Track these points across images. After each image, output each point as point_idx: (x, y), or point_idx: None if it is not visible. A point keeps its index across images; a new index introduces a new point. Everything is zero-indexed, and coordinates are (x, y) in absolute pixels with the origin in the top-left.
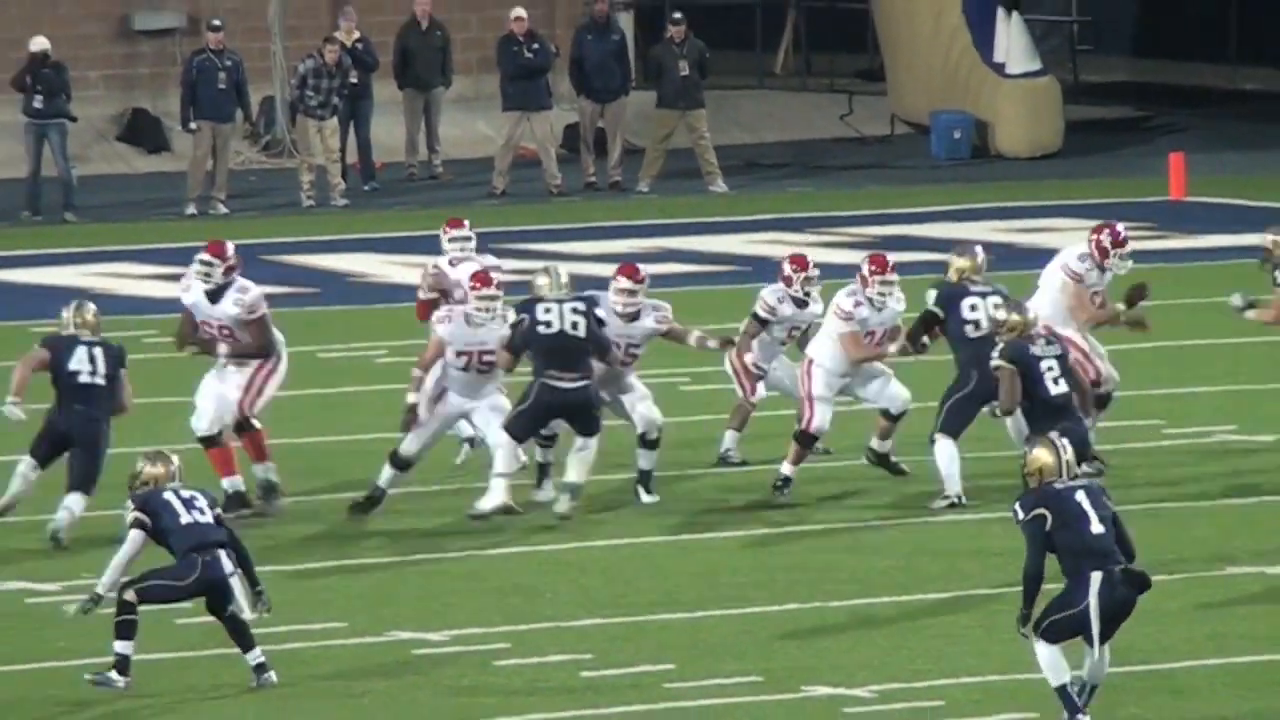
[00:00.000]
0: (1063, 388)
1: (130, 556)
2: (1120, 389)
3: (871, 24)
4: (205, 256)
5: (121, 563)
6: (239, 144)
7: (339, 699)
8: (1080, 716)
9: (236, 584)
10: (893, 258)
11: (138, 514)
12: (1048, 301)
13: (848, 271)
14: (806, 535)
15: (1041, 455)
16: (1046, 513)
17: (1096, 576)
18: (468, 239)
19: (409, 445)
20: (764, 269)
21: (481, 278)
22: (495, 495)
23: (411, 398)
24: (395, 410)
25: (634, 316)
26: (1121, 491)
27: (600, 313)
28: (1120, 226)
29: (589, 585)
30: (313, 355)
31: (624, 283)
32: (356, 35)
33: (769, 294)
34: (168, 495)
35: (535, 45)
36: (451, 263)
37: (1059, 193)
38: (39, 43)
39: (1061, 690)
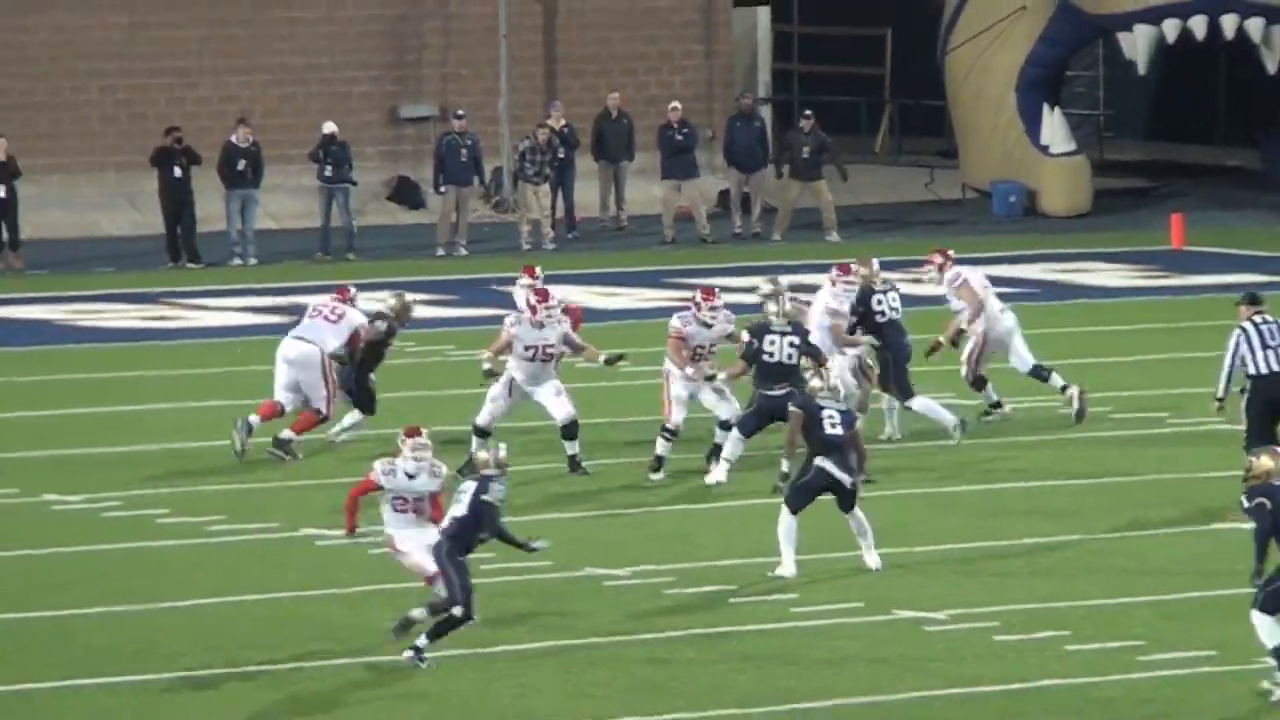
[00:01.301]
0: (839, 430)
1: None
2: (1135, 389)
3: (948, 115)
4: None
5: None
6: (476, 203)
7: (547, 624)
8: None
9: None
10: None
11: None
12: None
13: (926, 301)
14: (884, 499)
15: (1266, 462)
16: (1266, 501)
17: None
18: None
19: (483, 417)
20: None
21: (541, 294)
22: (720, 471)
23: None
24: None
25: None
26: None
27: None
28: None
29: (730, 534)
30: None
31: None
32: (563, 122)
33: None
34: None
35: (685, 129)
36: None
37: (1090, 243)
38: (329, 126)
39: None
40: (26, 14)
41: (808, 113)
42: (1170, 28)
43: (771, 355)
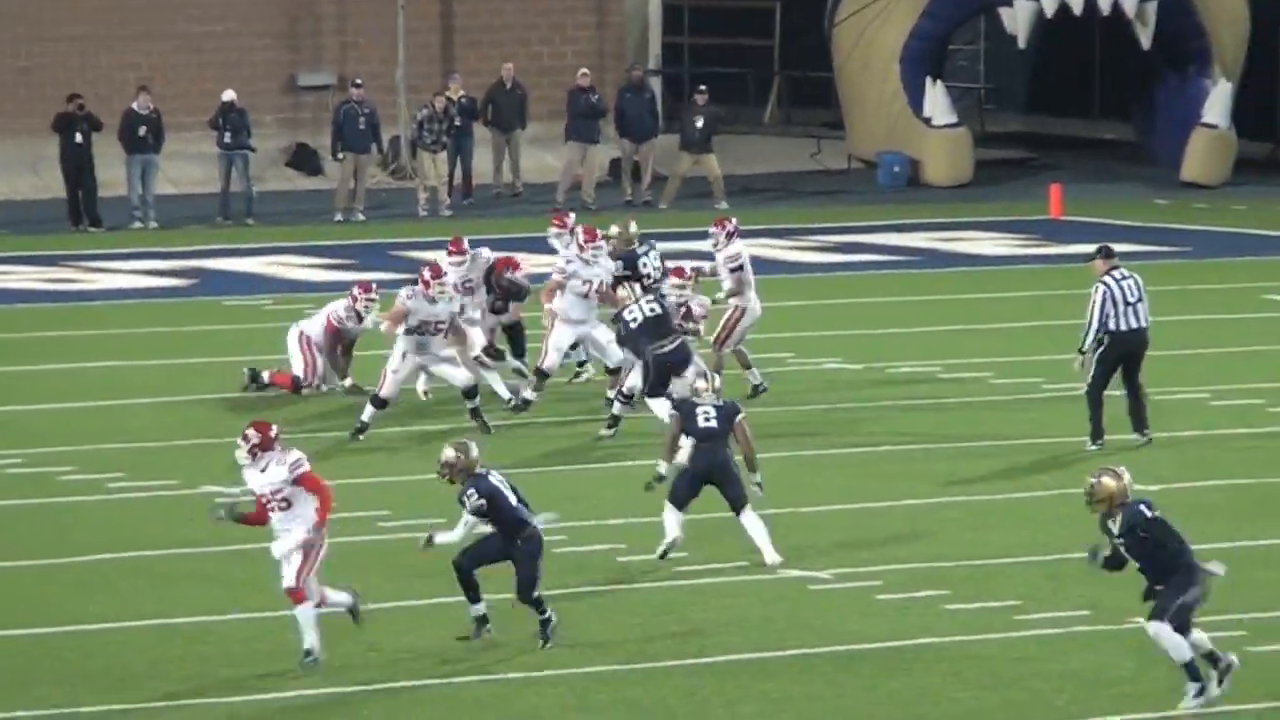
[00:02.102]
0: (713, 424)
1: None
2: (1012, 355)
3: (835, 87)
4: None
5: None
6: (373, 170)
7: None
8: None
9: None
10: (846, 258)
11: (482, 501)
12: None
13: (813, 268)
14: (767, 460)
15: (1109, 484)
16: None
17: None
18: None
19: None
20: (753, 265)
21: (434, 269)
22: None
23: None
24: None
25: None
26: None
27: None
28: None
29: (624, 493)
30: None
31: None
32: (461, 92)
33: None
34: (495, 480)
35: (596, 95)
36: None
37: (971, 212)
38: (228, 94)
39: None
40: None
41: (702, 88)
42: (1049, 3)
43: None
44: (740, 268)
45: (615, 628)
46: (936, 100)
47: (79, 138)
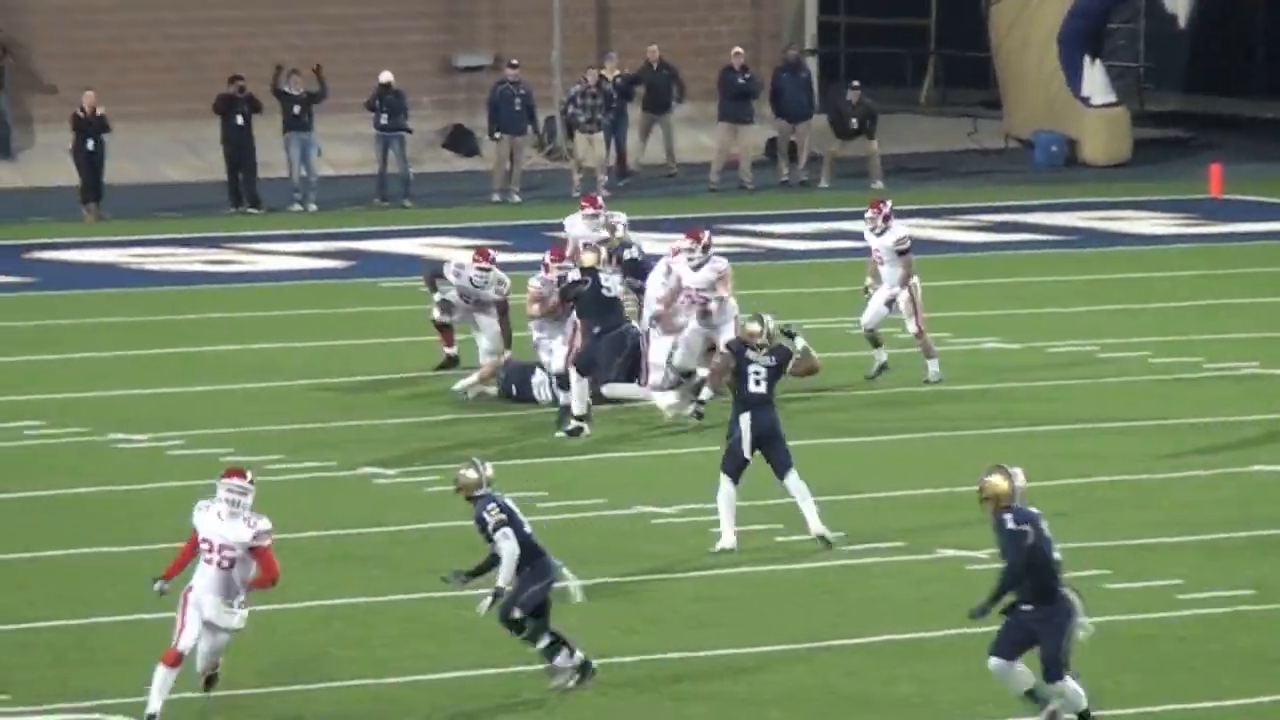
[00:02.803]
0: (763, 388)
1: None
2: (1173, 334)
3: (992, 66)
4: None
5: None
6: (529, 151)
7: (600, 560)
8: None
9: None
10: (1002, 237)
11: (503, 515)
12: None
13: (970, 248)
14: (919, 440)
15: (998, 482)
16: (1030, 531)
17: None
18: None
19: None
20: (916, 246)
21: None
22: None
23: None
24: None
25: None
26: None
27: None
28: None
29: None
30: None
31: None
32: (617, 72)
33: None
34: (511, 503)
35: (748, 74)
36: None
37: (1129, 191)
38: (385, 76)
39: None
40: None
41: (855, 84)
42: None
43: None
44: (908, 250)
45: (775, 609)
46: (1095, 79)
47: (240, 120)
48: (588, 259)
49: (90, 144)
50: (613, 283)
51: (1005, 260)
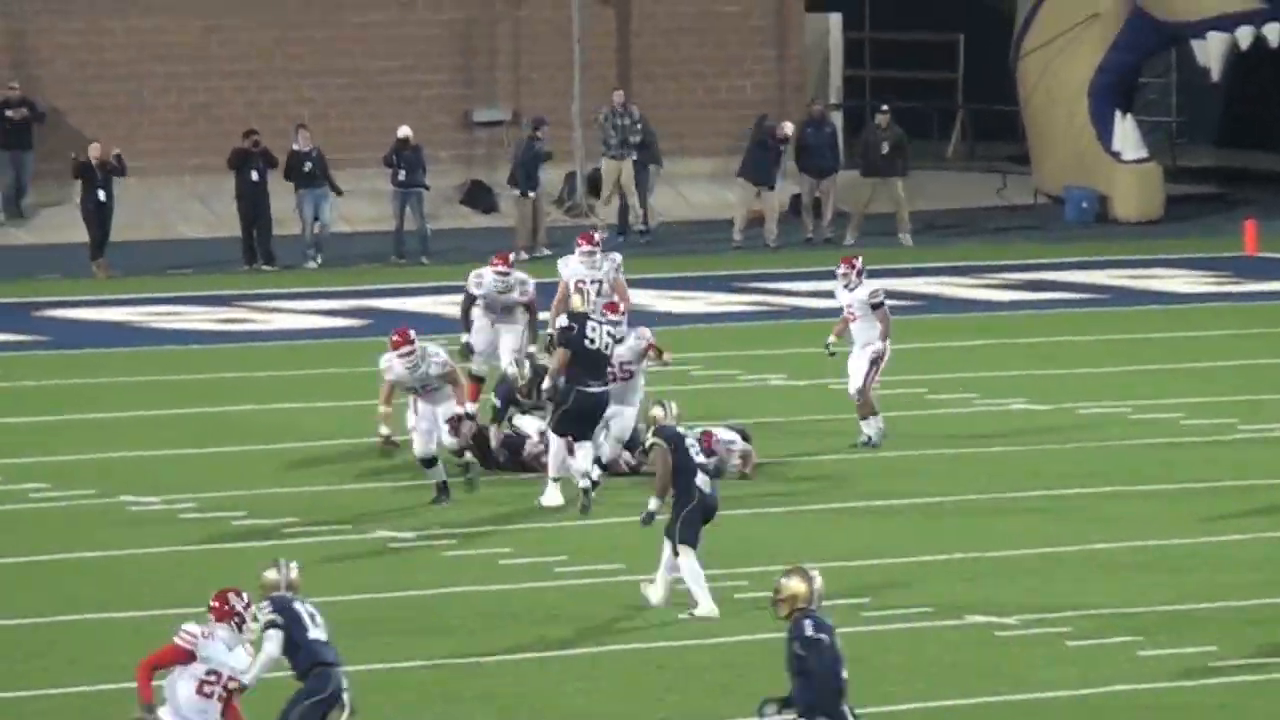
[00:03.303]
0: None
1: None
2: (1206, 395)
3: (1020, 120)
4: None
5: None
6: (547, 208)
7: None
8: None
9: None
10: (1031, 296)
11: (275, 617)
12: None
13: (998, 306)
14: (945, 504)
15: (796, 584)
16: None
17: None
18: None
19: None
20: (936, 304)
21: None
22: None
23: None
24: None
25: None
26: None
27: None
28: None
29: (795, 539)
30: None
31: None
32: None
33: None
34: (298, 606)
35: (782, 138)
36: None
37: (1161, 249)
38: (403, 130)
39: None
40: (105, 17)
41: (884, 108)
42: (1244, 35)
43: (593, 342)
44: (883, 304)
45: None
46: (1126, 134)
47: (255, 175)
48: (576, 302)
49: (101, 194)
50: (599, 334)
51: (1034, 319)
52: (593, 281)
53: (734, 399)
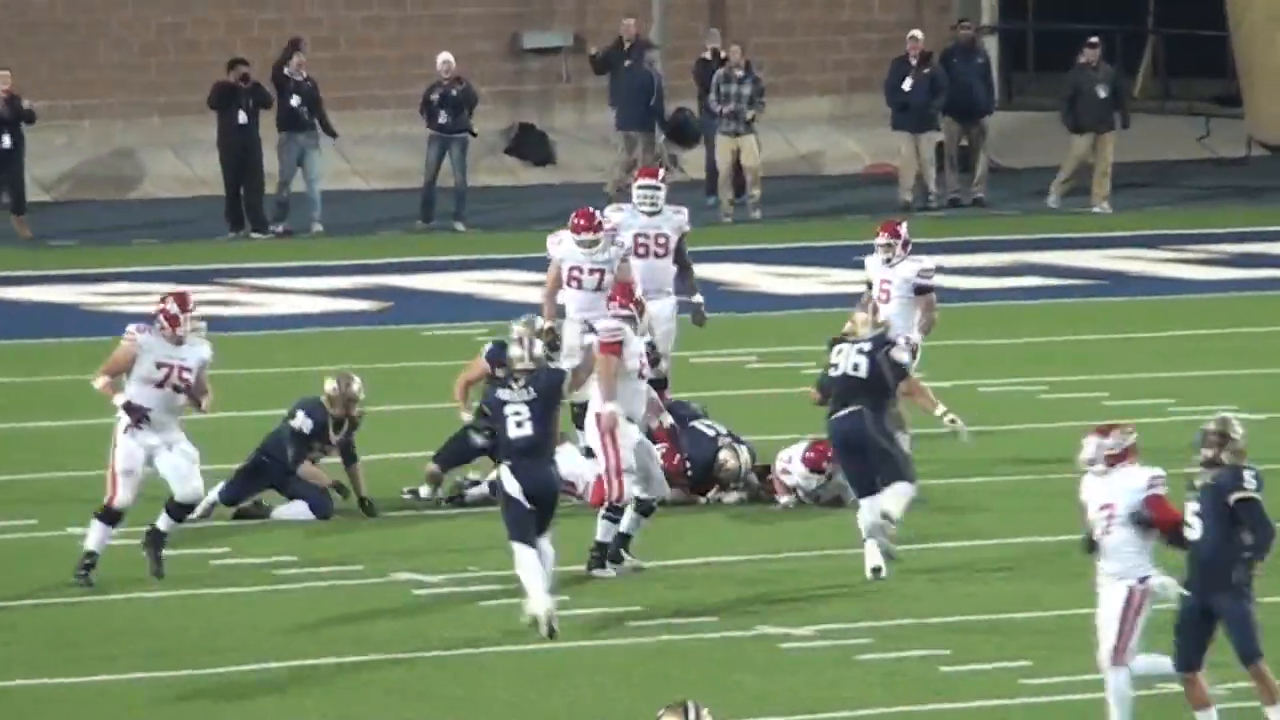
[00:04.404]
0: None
1: None
2: None
3: (1229, 50)
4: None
5: None
6: (620, 169)
7: (711, 686)
8: None
9: None
10: (1243, 273)
11: None
12: None
13: (1201, 287)
14: None
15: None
16: None
17: None
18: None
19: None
20: (1122, 283)
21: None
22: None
23: None
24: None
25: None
26: None
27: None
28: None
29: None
30: (685, 360)
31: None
32: (724, 53)
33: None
34: None
35: (927, 70)
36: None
37: None
38: (444, 57)
39: None
40: None
41: (1093, 39)
42: None
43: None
44: (932, 289)
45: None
46: None
47: (243, 116)
48: (570, 295)
49: (6, 140)
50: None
51: (1246, 303)
52: (591, 270)
53: None
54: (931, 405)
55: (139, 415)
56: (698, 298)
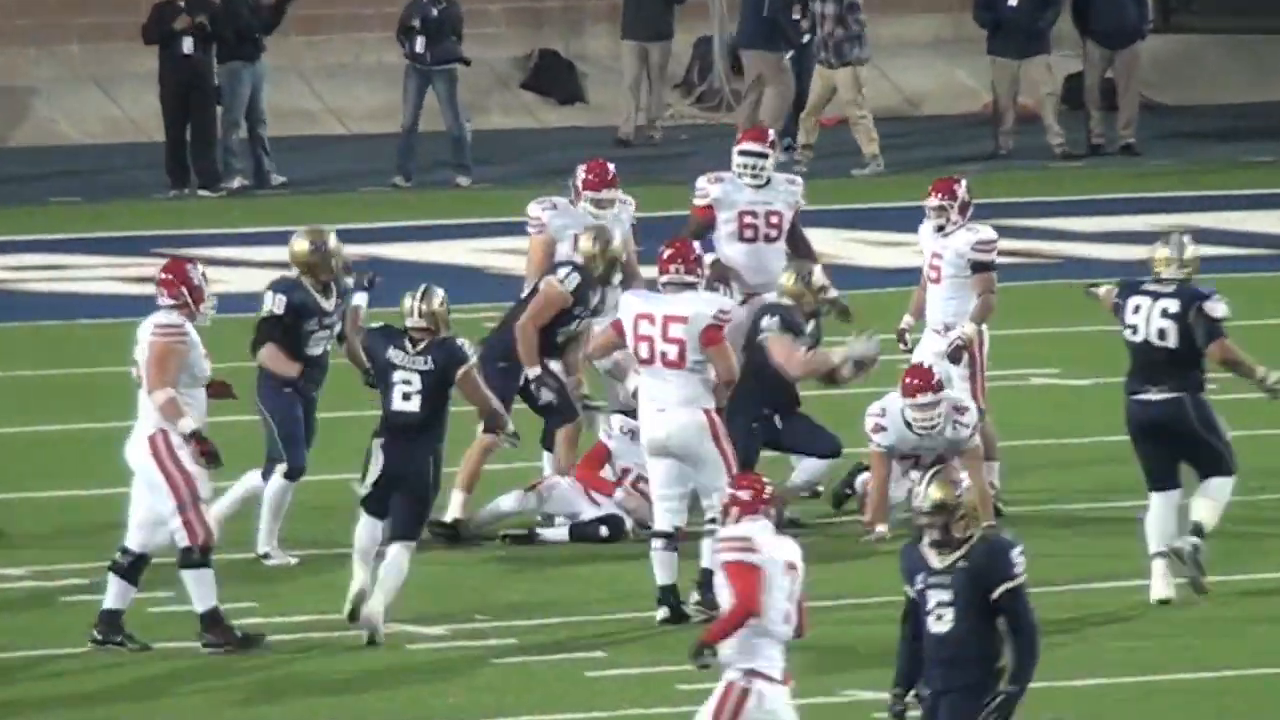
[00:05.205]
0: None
1: None
2: None
3: None
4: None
5: None
6: (671, 99)
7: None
8: None
9: None
10: None
11: None
12: None
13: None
14: None
15: None
16: None
17: None
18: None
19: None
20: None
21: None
22: None
23: None
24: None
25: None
26: None
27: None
28: None
29: None
30: None
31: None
32: None
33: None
34: None
35: None
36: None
37: None
38: None
39: None
40: None
41: None
42: None
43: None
44: (992, 265)
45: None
46: None
47: (188, 46)
48: (584, 244)
49: None
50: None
51: None
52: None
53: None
54: (1250, 370)
55: (215, 459)
56: (833, 291)
